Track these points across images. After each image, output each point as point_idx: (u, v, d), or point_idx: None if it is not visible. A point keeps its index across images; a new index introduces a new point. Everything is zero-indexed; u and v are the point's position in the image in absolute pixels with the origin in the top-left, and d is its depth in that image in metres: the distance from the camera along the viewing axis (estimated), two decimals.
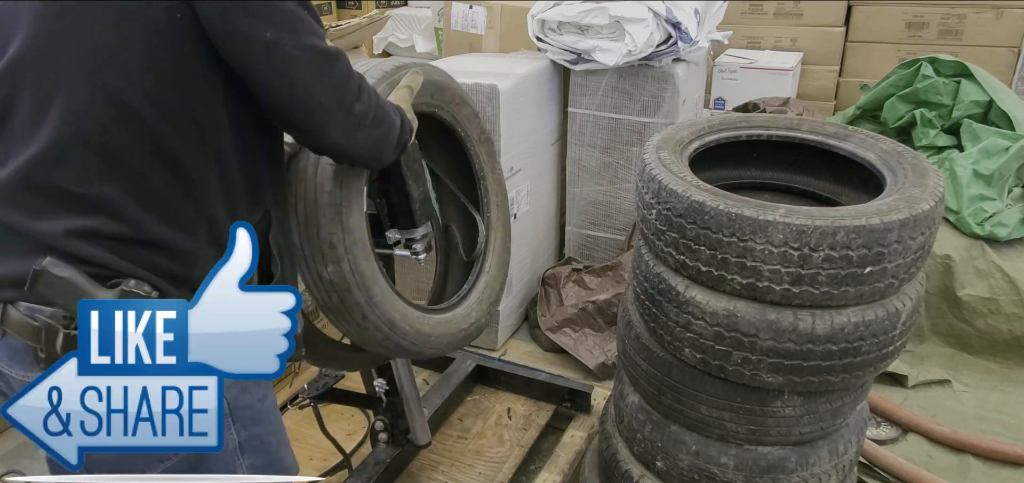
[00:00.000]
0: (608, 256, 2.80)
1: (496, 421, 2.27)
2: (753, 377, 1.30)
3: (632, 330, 1.54)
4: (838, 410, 1.40)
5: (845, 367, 1.27)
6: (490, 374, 2.42)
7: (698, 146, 1.55)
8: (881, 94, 2.98)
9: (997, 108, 2.71)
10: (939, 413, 2.27)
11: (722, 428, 1.42)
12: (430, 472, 2.06)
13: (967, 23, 3.72)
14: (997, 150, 2.56)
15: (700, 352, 1.34)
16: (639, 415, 1.56)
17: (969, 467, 2.07)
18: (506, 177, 2.42)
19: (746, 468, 1.43)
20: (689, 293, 1.32)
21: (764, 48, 4.10)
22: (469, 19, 3.42)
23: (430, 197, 1.61)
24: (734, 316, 1.27)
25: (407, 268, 2.52)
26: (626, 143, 2.65)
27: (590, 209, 2.81)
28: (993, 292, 2.45)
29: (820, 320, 1.24)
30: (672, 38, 2.47)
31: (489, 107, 2.34)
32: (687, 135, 1.55)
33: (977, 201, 2.50)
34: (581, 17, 2.52)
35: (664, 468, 1.52)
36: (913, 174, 1.34)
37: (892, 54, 3.83)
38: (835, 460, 1.46)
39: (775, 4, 4.08)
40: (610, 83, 2.60)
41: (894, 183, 1.34)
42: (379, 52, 4.96)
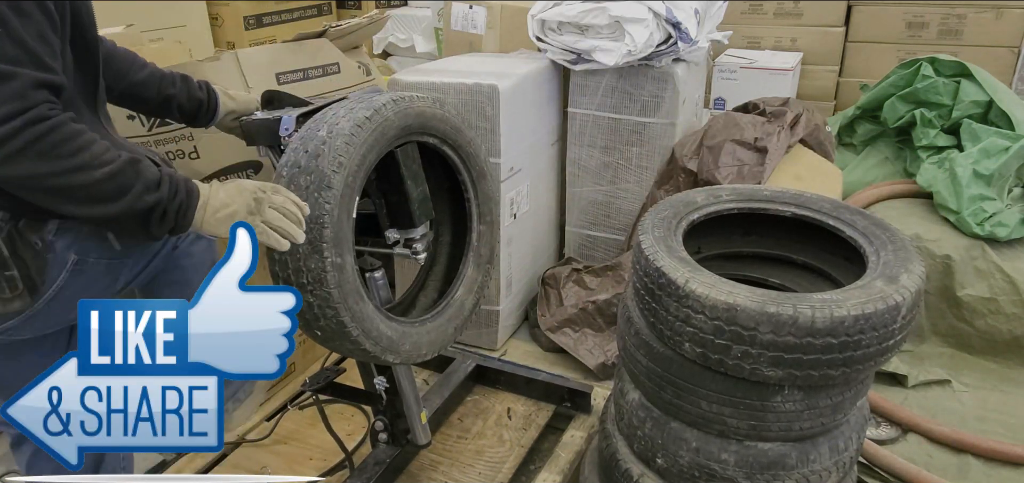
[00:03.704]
0: (608, 256, 2.80)
1: (496, 421, 2.27)
2: (753, 371, 1.30)
3: (632, 326, 1.54)
4: (838, 406, 1.40)
5: (845, 361, 1.27)
6: (490, 374, 2.42)
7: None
8: (881, 94, 2.99)
9: (997, 108, 2.71)
10: (939, 413, 2.27)
11: (722, 424, 1.42)
12: (430, 472, 2.06)
13: (967, 23, 3.72)
14: (997, 150, 2.56)
15: (700, 346, 1.34)
16: (639, 412, 1.56)
17: (969, 467, 2.07)
18: (506, 177, 2.43)
19: (746, 464, 1.43)
20: (689, 287, 1.32)
21: (764, 48, 4.10)
22: (469, 19, 3.42)
23: (429, 197, 1.61)
24: (734, 309, 1.27)
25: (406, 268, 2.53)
26: (626, 143, 2.65)
27: (590, 209, 2.81)
28: (993, 292, 2.45)
29: (819, 313, 1.24)
30: (672, 38, 2.47)
31: (489, 107, 2.34)
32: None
33: (977, 201, 2.50)
34: (581, 17, 2.52)
35: (664, 465, 1.52)
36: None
37: (892, 54, 3.83)
38: (835, 457, 1.46)
39: (775, 4, 4.08)
40: (610, 83, 2.60)
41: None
42: (379, 52, 4.96)
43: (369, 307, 1.44)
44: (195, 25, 3.41)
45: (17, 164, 1.07)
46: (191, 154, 2.06)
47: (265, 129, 1.61)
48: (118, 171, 1.15)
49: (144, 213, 1.18)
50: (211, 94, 1.66)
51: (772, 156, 2.49)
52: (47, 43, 1.12)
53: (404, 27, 4.92)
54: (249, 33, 3.81)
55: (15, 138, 1.05)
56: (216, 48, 3.65)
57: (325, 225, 1.32)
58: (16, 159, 1.07)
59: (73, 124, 1.12)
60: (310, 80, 2.28)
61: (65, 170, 1.10)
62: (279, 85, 2.18)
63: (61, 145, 1.10)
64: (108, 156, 1.14)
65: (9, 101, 1.05)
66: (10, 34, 1.06)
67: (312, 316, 1.38)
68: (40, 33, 1.10)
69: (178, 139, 2.02)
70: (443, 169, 1.75)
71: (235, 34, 3.78)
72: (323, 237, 1.32)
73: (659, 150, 2.63)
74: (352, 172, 1.36)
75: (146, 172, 1.18)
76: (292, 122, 1.52)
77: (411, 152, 1.55)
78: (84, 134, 1.13)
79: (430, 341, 1.64)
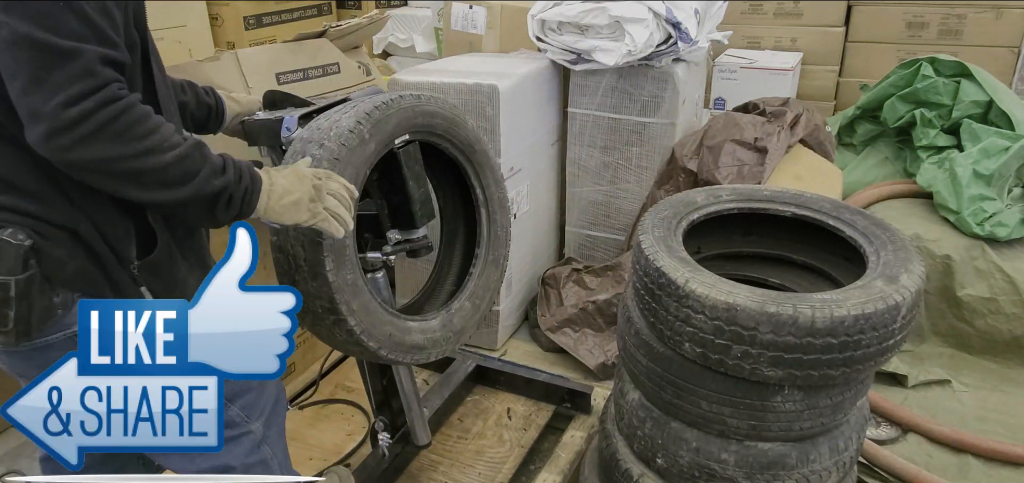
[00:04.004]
0: (608, 256, 2.80)
1: (496, 421, 2.27)
2: (753, 371, 1.30)
3: (632, 326, 1.54)
4: (838, 406, 1.40)
5: (845, 361, 1.27)
6: (490, 374, 2.42)
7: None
8: (881, 94, 2.99)
9: (997, 108, 2.71)
10: (939, 413, 2.27)
11: (722, 424, 1.42)
12: (430, 472, 2.06)
13: (967, 23, 3.72)
14: (997, 150, 2.56)
15: (700, 346, 1.34)
16: (639, 412, 1.56)
17: (969, 467, 2.07)
18: (506, 177, 2.43)
19: (746, 464, 1.43)
20: (689, 287, 1.32)
21: (764, 48, 4.10)
22: (469, 19, 3.42)
23: (431, 198, 1.61)
24: (734, 309, 1.27)
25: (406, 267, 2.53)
26: (626, 143, 2.65)
27: (590, 209, 2.81)
28: (993, 292, 2.45)
29: (819, 313, 1.24)
30: (672, 38, 2.47)
31: (489, 107, 2.34)
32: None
33: (977, 201, 2.50)
34: (581, 17, 2.52)
35: (664, 465, 1.52)
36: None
37: (892, 54, 3.83)
38: (835, 457, 1.46)
39: (775, 4, 4.08)
40: (610, 83, 2.60)
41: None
42: (379, 52, 4.96)
43: (375, 305, 1.45)
44: (195, 25, 3.40)
45: (90, 147, 1.03)
46: None
47: (267, 129, 1.60)
48: (186, 154, 1.11)
49: (211, 198, 1.15)
50: (218, 99, 1.66)
51: (772, 156, 2.49)
52: (110, 17, 1.06)
53: (404, 27, 4.92)
54: (249, 33, 3.80)
55: (88, 119, 1.01)
56: (216, 48, 3.64)
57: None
58: (89, 142, 1.02)
59: (141, 105, 1.08)
60: (310, 80, 2.29)
61: (137, 153, 1.06)
62: (279, 85, 2.18)
63: (134, 126, 1.06)
64: (175, 139, 1.11)
65: (78, 80, 1.01)
66: (73, 8, 1.01)
67: (315, 314, 1.39)
68: (103, 8, 1.05)
69: None
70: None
71: (235, 34, 3.78)
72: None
73: (659, 150, 2.63)
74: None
75: (211, 157, 1.16)
76: (294, 122, 1.52)
77: (413, 152, 1.55)
78: (152, 116, 1.09)
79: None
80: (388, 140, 1.47)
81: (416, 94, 1.57)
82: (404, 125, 1.51)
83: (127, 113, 1.05)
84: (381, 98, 1.49)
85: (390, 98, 1.50)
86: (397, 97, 1.51)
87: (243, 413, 1.36)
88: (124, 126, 1.04)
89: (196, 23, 3.43)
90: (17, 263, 1.10)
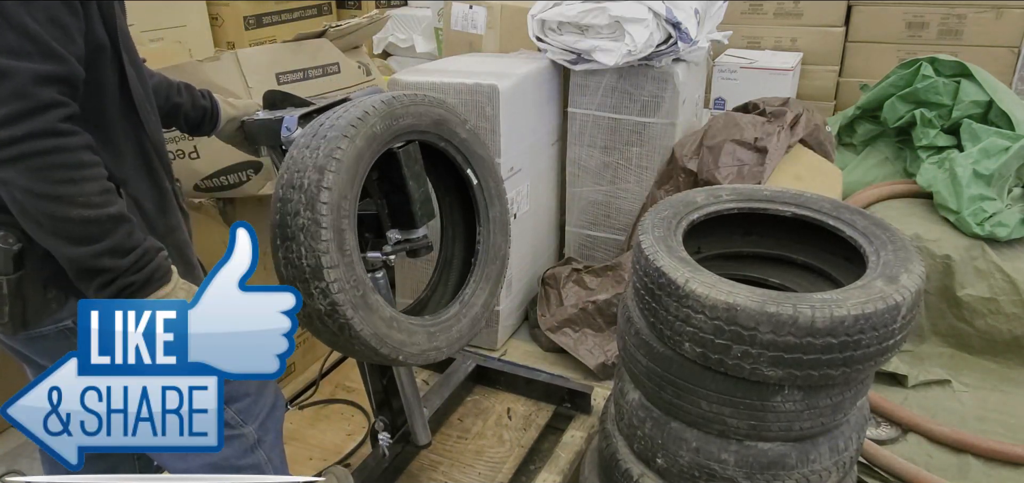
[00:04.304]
0: (608, 256, 2.80)
1: (496, 421, 2.27)
2: (753, 371, 1.30)
3: (632, 326, 1.54)
4: (838, 405, 1.40)
5: (845, 361, 1.27)
6: (490, 374, 2.42)
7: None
8: (881, 94, 2.99)
9: (997, 108, 2.71)
10: (939, 413, 2.27)
11: (722, 424, 1.42)
12: (430, 472, 2.06)
13: (967, 23, 3.72)
14: (997, 150, 2.56)
15: (700, 346, 1.34)
16: (639, 412, 1.56)
17: (969, 467, 2.07)
18: (506, 177, 2.43)
19: (746, 464, 1.43)
20: (689, 287, 1.32)
21: (764, 48, 4.10)
22: (469, 19, 3.42)
23: (431, 198, 1.61)
24: (734, 309, 1.27)
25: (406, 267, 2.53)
26: (626, 143, 2.65)
27: (590, 209, 2.81)
28: (993, 292, 2.45)
29: (819, 313, 1.24)
30: (672, 38, 2.47)
31: (489, 107, 2.34)
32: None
33: (977, 201, 2.50)
34: (581, 17, 2.52)
35: (664, 465, 1.52)
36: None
37: (892, 54, 3.83)
38: (835, 457, 1.46)
39: (775, 4, 4.08)
40: (610, 83, 2.60)
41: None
42: (379, 52, 4.96)
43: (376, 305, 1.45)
44: (195, 25, 3.40)
45: (3, 168, 1.00)
46: (191, 154, 2.06)
47: (267, 130, 1.61)
48: (93, 219, 1.06)
49: (91, 272, 1.09)
50: (214, 103, 1.66)
51: (772, 156, 2.49)
52: (58, 25, 1.00)
53: (404, 27, 4.92)
54: (249, 33, 3.80)
55: (11, 145, 0.98)
56: (216, 48, 3.64)
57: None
58: (3, 163, 0.99)
59: (83, 153, 1.04)
60: (310, 80, 2.29)
61: (45, 194, 1.02)
62: (279, 85, 2.18)
63: (56, 170, 1.01)
64: (95, 199, 1.06)
65: (6, 102, 0.96)
66: (8, 19, 0.96)
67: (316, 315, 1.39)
68: (50, 16, 0.99)
69: (178, 139, 2.02)
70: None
71: (235, 34, 3.78)
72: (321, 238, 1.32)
73: (659, 150, 2.63)
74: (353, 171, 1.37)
75: (123, 238, 1.10)
76: (294, 123, 1.52)
77: (413, 152, 1.55)
78: (84, 167, 1.04)
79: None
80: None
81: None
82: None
83: (54, 154, 1.00)
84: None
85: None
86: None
87: (238, 416, 1.37)
88: (46, 165, 1.00)
89: (196, 23, 3.44)
90: (8, 264, 1.12)
